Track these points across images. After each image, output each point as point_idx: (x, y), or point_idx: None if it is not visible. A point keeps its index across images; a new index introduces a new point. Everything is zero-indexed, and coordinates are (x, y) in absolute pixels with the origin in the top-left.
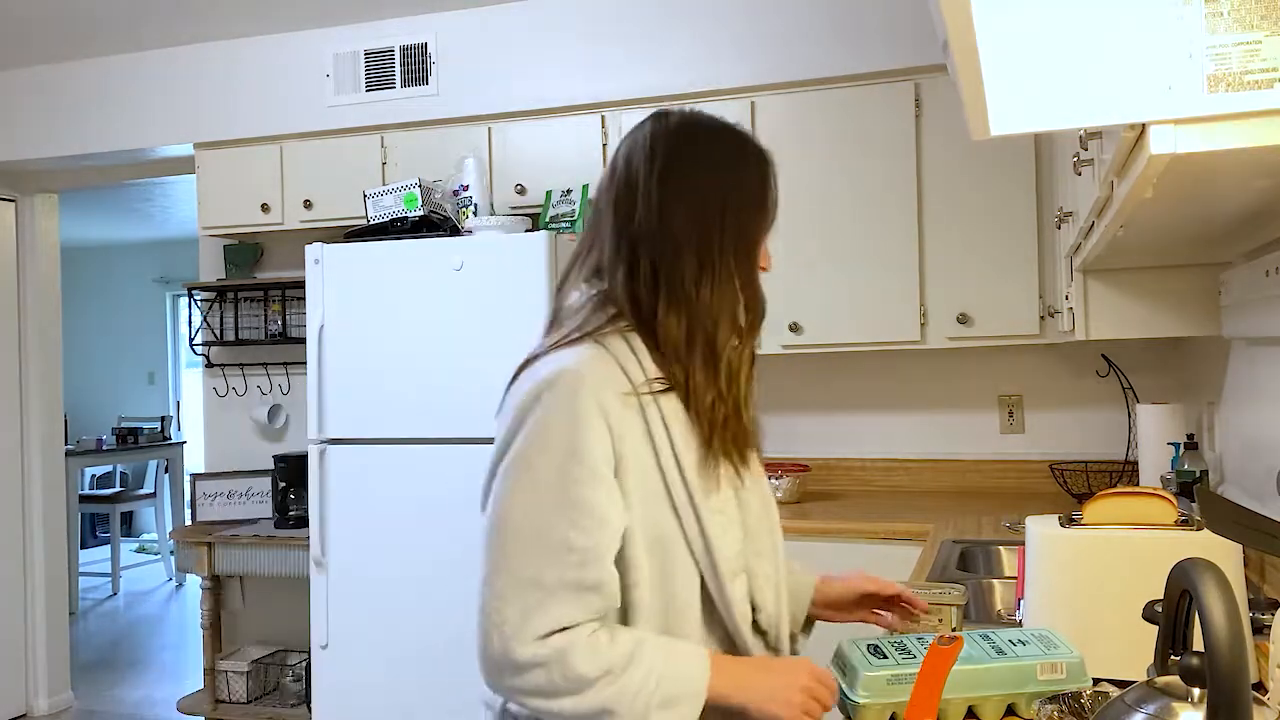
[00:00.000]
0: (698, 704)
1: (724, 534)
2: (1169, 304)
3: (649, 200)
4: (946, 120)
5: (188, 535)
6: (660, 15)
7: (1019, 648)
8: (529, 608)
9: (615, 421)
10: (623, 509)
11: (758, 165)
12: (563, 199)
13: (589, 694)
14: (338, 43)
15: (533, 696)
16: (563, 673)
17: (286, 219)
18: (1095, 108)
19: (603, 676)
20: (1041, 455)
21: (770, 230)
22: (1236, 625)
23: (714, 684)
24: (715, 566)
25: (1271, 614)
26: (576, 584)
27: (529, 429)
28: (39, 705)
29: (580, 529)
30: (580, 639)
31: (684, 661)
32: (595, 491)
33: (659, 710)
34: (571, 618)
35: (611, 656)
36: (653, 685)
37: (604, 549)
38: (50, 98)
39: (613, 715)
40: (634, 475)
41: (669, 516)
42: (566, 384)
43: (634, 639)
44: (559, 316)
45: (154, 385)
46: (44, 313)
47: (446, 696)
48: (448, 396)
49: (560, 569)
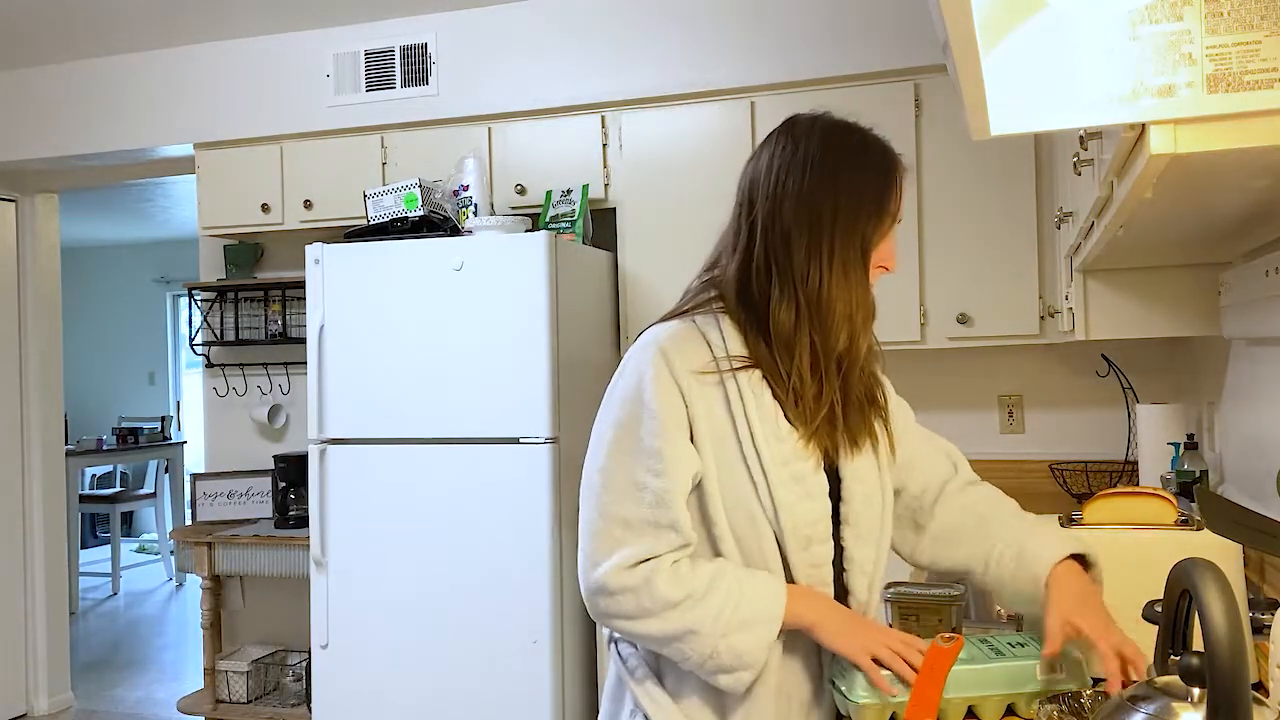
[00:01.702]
0: (775, 625)
1: (798, 502)
2: (1169, 304)
3: (768, 195)
4: (946, 120)
5: (188, 535)
6: (660, 15)
7: (1019, 649)
8: (616, 541)
9: (689, 387)
10: (694, 462)
11: (878, 168)
12: (563, 199)
13: (673, 615)
14: (338, 43)
15: (623, 619)
16: (650, 596)
17: (286, 219)
18: (1095, 108)
19: (685, 600)
20: (1041, 455)
21: (887, 233)
22: (1236, 625)
23: (791, 607)
24: (783, 531)
25: (1271, 614)
26: (654, 521)
27: (617, 391)
28: (39, 705)
29: (654, 473)
30: (664, 567)
31: (762, 587)
32: (666, 443)
33: (738, 631)
34: (653, 549)
35: (694, 582)
36: (731, 608)
37: (675, 493)
38: (50, 98)
39: (695, 635)
40: (710, 438)
41: (745, 480)
42: (648, 353)
43: (715, 567)
44: (681, 299)
45: (154, 385)
46: (44, 313)
47: (446, 696)
48: (448, 396)
49: (639, 507)
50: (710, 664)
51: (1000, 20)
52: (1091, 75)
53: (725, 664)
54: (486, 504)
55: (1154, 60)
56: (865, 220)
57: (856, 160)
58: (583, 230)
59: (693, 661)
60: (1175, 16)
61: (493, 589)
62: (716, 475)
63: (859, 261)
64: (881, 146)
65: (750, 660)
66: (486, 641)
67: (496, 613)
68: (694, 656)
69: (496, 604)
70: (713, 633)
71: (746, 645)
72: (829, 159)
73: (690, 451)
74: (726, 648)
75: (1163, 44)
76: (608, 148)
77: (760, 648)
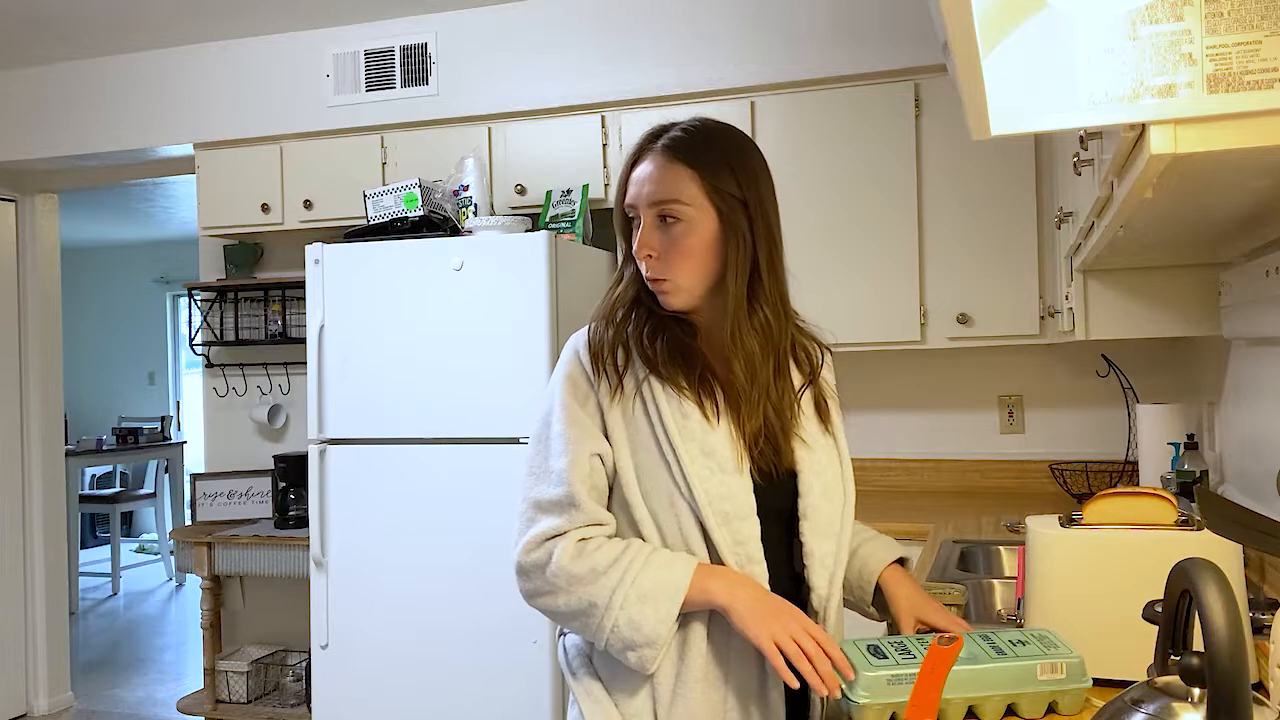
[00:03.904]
0: (677, 599)
1: (710, 476)
2: (1169, 304)
3: None
4: (946, 120)
5: (188, 535)
6: (660, 15)
7: (1019, 648)
8: (528, 521)
9: (598, 379)
10: (596, 443)
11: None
12: (563, 199)
13: (576, 589)
14: (338, 43)
15: (537, 597)
16: (554, 570)
17: (286, 219)
18: (1095, 108)
19: (587, 574)
20: (1041, 455)
21: (626, 223)
22: (1236, 625)
23: (698, 582)
24: (699, 507)
25: (1271, 614)
26: (559, 500)
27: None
28: (39, 705)
29: (556, 455)
30: (568, 543)
31: (669, 563)
32: (569, 426)
33: (637, 604)
34: (557, 527)
35: (598, 558)
36: (631, 580)
37: (575, 471)
38: (50, 98)
39: (595, 608)
40: (622, 423)
41: (658, 460)
42: (566, 354)
43: (625, 544)
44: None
45: (154, 385)
46: (44, 313)
47: (446, 696)
48: (447, 396)
49: (548, 488)
50: (613, 639)
51: (1000, 20)
52: (1091, 75)
53: (626, 638)
54: (486, 504)
55: (1154, 60)
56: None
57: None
58: (583, 230)
59: (598, 638)
60: (1175, 16)
61: (493, 589)
62: (631, 458)
63: (765, 257)
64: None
65: (650, 635)
66: (486, 642)
67: (496, 613)
68: (598, 632)
69: (496, 604)
70: (611, 605)
71: (645, 618)
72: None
73: (593, 433)
74: (626, 620)
75: (1163, 44)
76: (608, 148)
77: (660, 622)
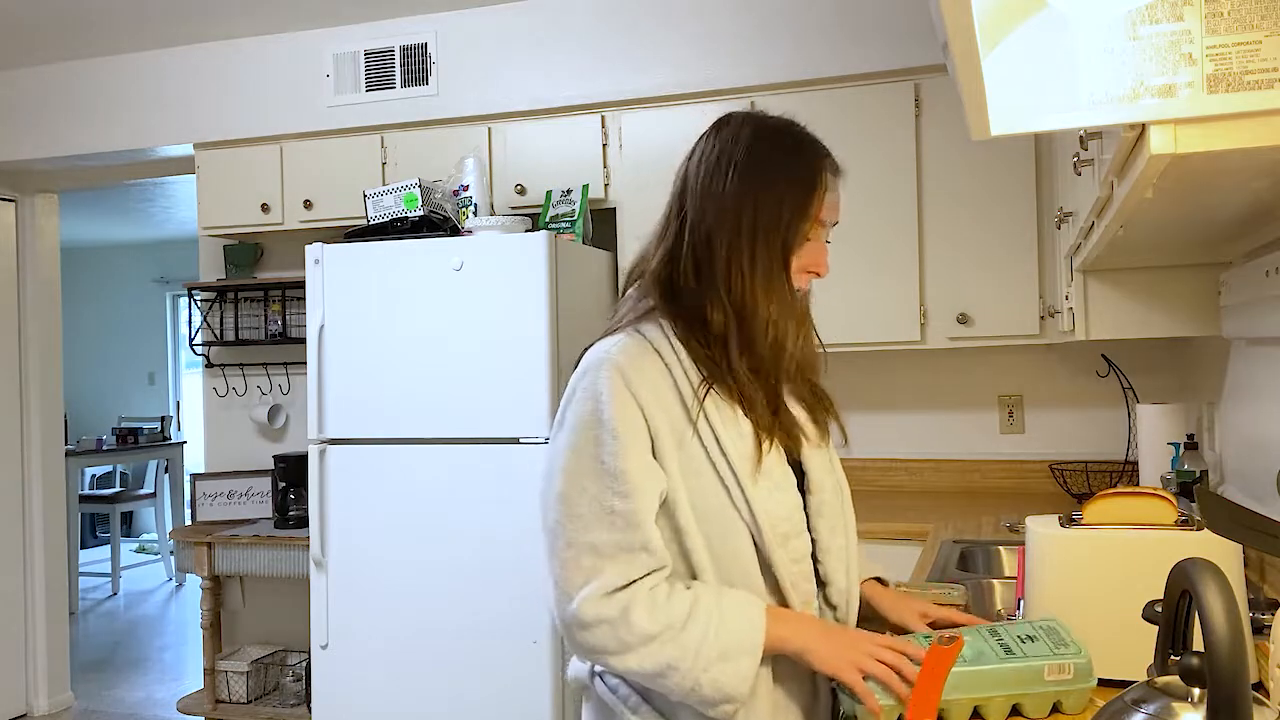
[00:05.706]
0: (756, 656)
1: (769, 496)
2: (1169, 304)
3: (694, 196)
4: (946, 120)
5: (188, 535)
6: (660, 15)
7: (1027, 645)
8: (588, 570)
9: (647, 402)
10: (660, 479)
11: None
12: (563, 199)
13: (653, 648)
14: (338, 43)
15: (602, 653)
16: (628, 628)
17: (286, 219)
18: (1095, 108)
19: (664, 631)
20: (1041, 455)
21: (808, 235)
22: (1236, 625)
23: (771, 632)
24: (760, 530)
25: (1271, 614)
26: (625, 545)
27: (570, 415)
28: (39, 705)
29: (620, 495)
30: (640, 595)
31: (742, 615)
32: (629, 462)
33: (719, 663)
34: (627, 575)
35: (672, 613)
36: (711, 639)
37: (644, 513)
38: (50, 98)
39: (676, 670)
40: (674, 449)
41: (715, 483)
42: (603, 373)
43: (693, 594)
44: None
45: (154, 385)
46: (44, 313)
47: (446, 696)
48: (448, 396)
49: (608, 532)
50: (693, 698)
51: (1000, 20)
52: (1091, 75)
53: (708, 697)
54: (486, 504)
55: (1154, 60)
56: (786, 225)
57: (779, 164)
58: (583, 230)
59: (676, 695)
60: (1175, 16)
61: (493, 589)
62: (684, 484)
63: (781, 266)
64: (811, 149)
65: (733, 693)
66: (486, 642)
67: (496, 613)
68: (677, 691)
69: (496, 604)
70: (694, 667)
71: (728, 678)
72: (751, 162)
73: (655, 469)
74: (709, 681)
75: (1163, 44)
76: (608, 148)
77: (743, 680)
